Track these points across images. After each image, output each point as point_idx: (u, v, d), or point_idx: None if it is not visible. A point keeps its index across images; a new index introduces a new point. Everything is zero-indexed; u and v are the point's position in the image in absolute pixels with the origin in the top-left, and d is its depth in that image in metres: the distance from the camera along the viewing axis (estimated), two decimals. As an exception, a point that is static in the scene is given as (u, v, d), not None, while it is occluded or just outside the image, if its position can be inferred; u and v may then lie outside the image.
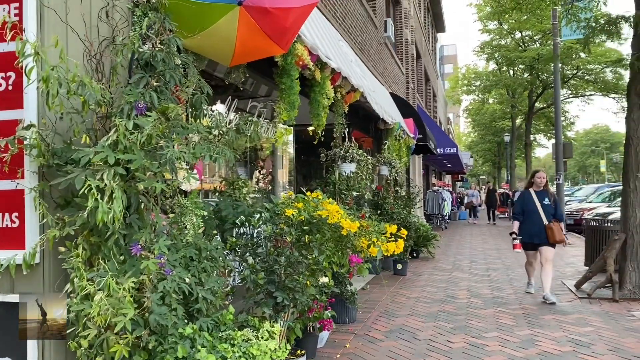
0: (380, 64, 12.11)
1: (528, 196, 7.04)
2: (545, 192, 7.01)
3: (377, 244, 3.48)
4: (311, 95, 4.68)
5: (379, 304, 6.66)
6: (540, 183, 7.01)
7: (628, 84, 7.40)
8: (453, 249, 13.31)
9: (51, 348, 2.48)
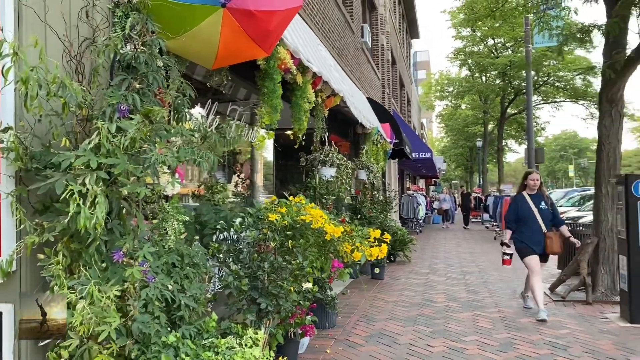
0: (358, 69, 12.16)
1: (522, 201, 6.34)
2: (540, 195, 6.34)
3: (361, 249, 3.46)
4: (292, 99, 4.66)
5: (358, 308, 6.65)
6: (534, 185, 6.34)
7: (600, 91, 7.58)
8: (428, 252, 13.42)
9: (28, 359, 2.38)
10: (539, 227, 6.18)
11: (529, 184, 6.39)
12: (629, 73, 7.09)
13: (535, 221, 6.19)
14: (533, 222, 6.20)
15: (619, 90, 7.26)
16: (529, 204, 6.27)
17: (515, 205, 6.38)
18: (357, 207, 8.78)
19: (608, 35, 6.90)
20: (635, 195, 5.90)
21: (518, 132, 34.53)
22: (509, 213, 6.43)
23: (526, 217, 6.23)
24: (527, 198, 6.32)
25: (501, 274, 9.64)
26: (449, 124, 41.10)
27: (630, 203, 5.91)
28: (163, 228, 3.03)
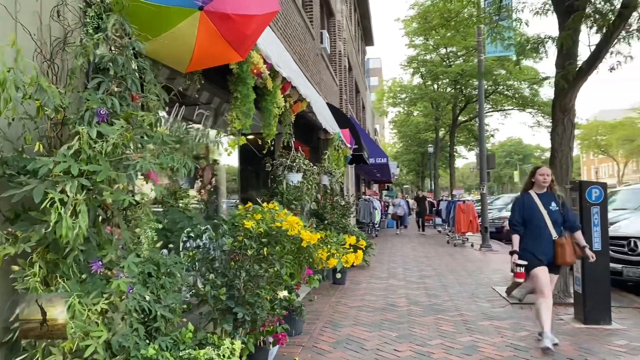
0: (317, 75, 12.20)
1: (529, 201, 5.30)
2: (551, 195, 5.31)
3: (337, 255, 3.45)
4: (262, 104, 4.61)
5: (322, 314, 6.64)
6: (543, 182, 5.29)
7: (553, 100, 7.89)
8: (386, 257, 13.57)
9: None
10: (548, 232, 5.16)
11: (538, 180, 5.34)
12: (581, 83, 7.42)
13: (543, 226, 5.17)
14: (541, 226, 5.18)
15: (571, 99, 7.59)
16: (537, 204, 5.24)
17: (521, 205, 5.33)
18: (319, 212, 8.79)
19: (561, 46, 7.21)
20: (589, 200, 6.17)
21: (468, 139, 35.54)
22: (513, 215, 5.35)
23: (534, 220, 5.22)
24: (534, 198, 5.30)
25: (458, 277, 9.86)
26: (402, 130, 41.82)
27: (584, 208, 6.18)
28: (137, 236, 2.93)
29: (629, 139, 50.67)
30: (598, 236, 6.12)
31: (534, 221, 5.22)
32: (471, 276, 10.02)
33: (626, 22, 6.81)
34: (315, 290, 8.35)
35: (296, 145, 10.92)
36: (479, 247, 15.53)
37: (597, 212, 6.14)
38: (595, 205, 6.16)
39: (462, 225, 16.62)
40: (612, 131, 53.31)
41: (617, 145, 54.12)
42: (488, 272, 10.67)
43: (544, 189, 5.34)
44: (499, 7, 11.36)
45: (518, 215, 5.31)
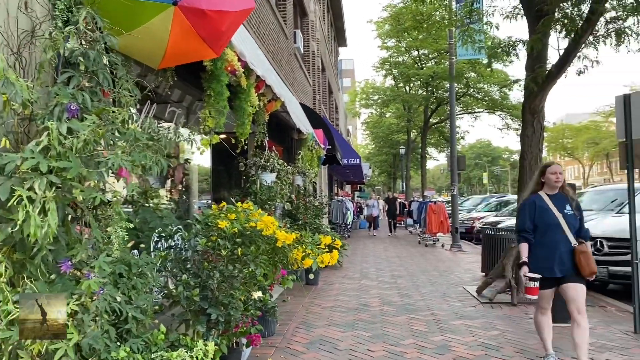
0: (291, 75, 12.16)
1: (541, 204, 4.50)
2: (564, 197, 4.53)
3: (312, 256, 3.42)
4: (236, 102, 4.56)
5: (295, 315, 6.61)
6: (556, 182, 4.50)
7: (523, 102, 8.04)
8: (358, 257, 13.62)
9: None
10: (565, 239, 4.38)
11: (549, 179, 4.54)
12: (550, 86, 7.58)
13: (559, 232, 4.39)
14: (557, 233, 4.39)
15: (540, 102, 7.74)
16: (550, 208, 4.45)
17: (531, 209, 4.52)
18: (292, 212, 8.75)
19: (532, 50, 7.35)
20: (557, 201, 6.29)
21: (438, 141, 35.99)
22: (523, 220, 4.56)
23: (547, 226, 4.43)
24: (546, 200, 4.51)
25: (430, 277, 9.95)
26: (374, 131, 42.09)
27: (552, 209, 6.30)
28: (107, 236, 2.86)
29: (594, 142, 52.09)
30: (566, 236, 6.24)
31: (548, 227, 4.41)
32: (442, 276, 10.13)
33: (594, 27, 6.98)
34: (289, 291, 8.32)
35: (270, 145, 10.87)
36: (449, 248, 15.73)
37: (565, 213, 6.27)
38: (563, 206, 6.28)
39: (433, 225, 16.81)
40: (577, 134, 54.71)
41: (582, 148, 55.57)
42: (459, 271, 10.81)
43: (556, 189, 4.56)
44: (470, 11, 11.51)
45: (529, 221, 4.50)
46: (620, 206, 10.82)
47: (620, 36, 7.14)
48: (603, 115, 48.72)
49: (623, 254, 7.93)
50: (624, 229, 8.29)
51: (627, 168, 5.88)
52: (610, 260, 8.07)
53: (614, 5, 7.30)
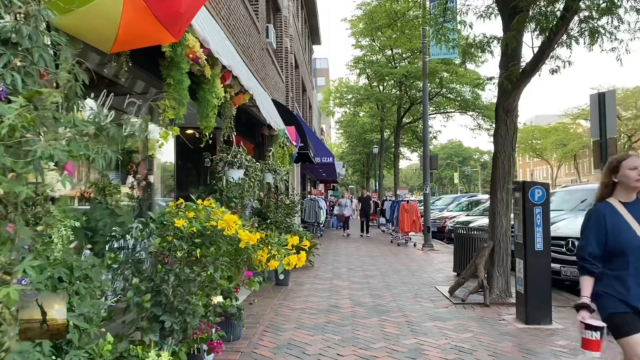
0: (263, 70, 11.87)
1: (612, 216, 3.10)
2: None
3: (278, 257, 3.17)
4: (199, 93, 4.28)
5: (263, 317, 6.35)
6: (636, 183, 3.08)
7: (497, 101, 7.94)
8: (330, 256, 13.42)
9: None
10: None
11: (627, 178, 3.12)
12: (524, 85, 7.49)
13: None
14: (637, 258, 3.01)
15: (514, 101, 7.65)
16: (627, 221, 3.07)
17: (599, 225, 3.11)
18: (262, 211, 8.49)
19: (506, 47, 7.24)
20: (532, 201, 6.19)
21: (411, 140, 36.09)
22: (587, 242, 3.13)
23: (623, 250, 3.03)
24: (620, 211, 3.11)
25: (402, 277, 9.81)
26: (348, 130, 42.01)
27: (527, 208, 6.20)
28: (48, 235, 2.56)
29: (562, 143, 53.09)
30: (540, 236, 6.15)
31: (625, 250, 3.02)
32: (414, 276, 10.00)
33: (568, 25, 6.90)
34: (257, 292, 8.05)
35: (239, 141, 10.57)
36: (421, 247, 15.67)
37: (539, 212, 6.18)
38: (537, 206, 6.19)
39: (405, 225, 16.73)
40: (546, 135, 55.70)
41: (551, 149, 56.61)
42: (430, 271, 10.70)
43: (634, 194, 3.15)
44: (444, 9, 11.42)
45: (594, 243, 3.10)
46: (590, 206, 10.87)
47: (594, 35, 7.08)
48: (571, 117, 49.68)
49: (594, 254, 7.90)
50: (595, 229, 8.29)
51: (602, 166, 5.80)
52: (581, 260, 8.03)
53: (587, 5, 7.25)
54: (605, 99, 5.74)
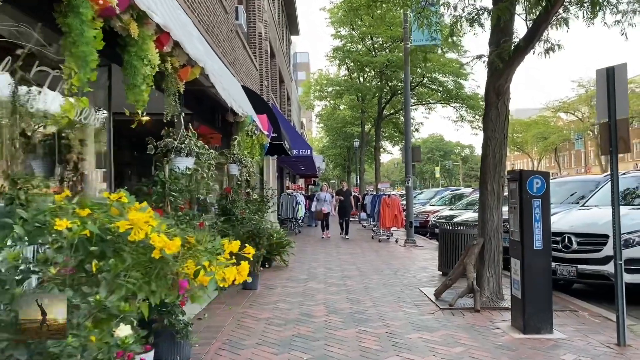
0: (231, 53, 10.93)
1: None
2: None
3: (210, 270, 2.32)
4: (125, 58, 3.38)
5: (222, 331, 5.46)
6: None
7: (487, 82, 7.15)
8: (308, 255, 12.57)
9: None
10: None
11: None
12: (517, 63, 6.71)
13: None
14: None
15: (506, 81, 6.87)
16: None
17: None
18: (227, 207, 7.58)
19: (498, 20, 6.44)
20: (530, 192, 5.40)
21: (392, 133, 35.38)
22: None
23: None
24: None
25: (383, 277, 9.00)
26: (328, 123, 41.16)
27: (524, 201, 5.41)
28: None
29: (542, 137, 52.92)
30: (539, 233, 5.37)
31: None
32: (397, 276, 9.21)
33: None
34: (219, 299, 7.16)
35: (204, 131, 9.62)
36: (403, 243, 14.91)
37: (538, 206, 5.39)
38: (536, 198, 5.40)
39: (387, 220, 15.94)
40: (527, 129, 55.48)
41: (532, 143, 56.44)
42: (414, 270, 9.92)
43: None
44: (426, -12, 10.61)
45: None
46: (581, 199, 10.20)
47: (595, 6, 6.33)
48: (552, 110, 49.50)
49: (593, 251, 7.18)
50: (594, 224, 7.56)
51: (610, 153, 5.03)
52: (579, 258, 7.30)
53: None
54: (615, 74, 4.96)
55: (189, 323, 4.36)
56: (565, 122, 55.62)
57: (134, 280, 2.19)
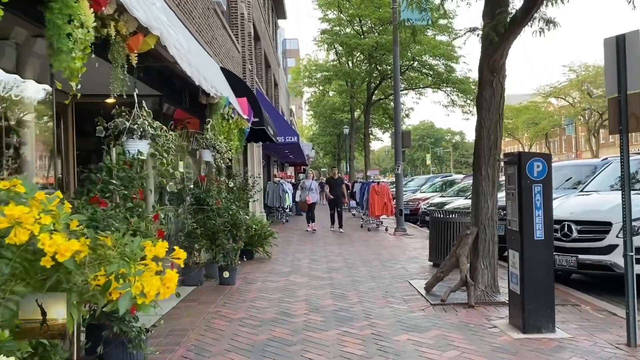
0: (208, 32, 10.26)
1: None
2: None
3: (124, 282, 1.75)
4: (46, 15, 2.78)
5: (188, 335, 4.90)
6: None
7: (480, 58, 6.58)
8: (293, 245, 12.02)
9: None
10: None
11: None
12: (513, 36, 6.15)
13: None
14: None
15: (502, 56, 6.30)
16: None
17: None
18: (200, 196, 6.99)
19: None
20: (530, 177, 4.85)
21: (383, 120, 34.79)
22: None
23: None
24: None
25: (371, 269, 8.47)
26: (317, 110, 40.46)
27: (524, 187, 4.86)
28: None
29: (533, 122, 52.54)
30: (540, 222, 4.84)
31: None
32: (385, 267, 8.69)
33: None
34: (193, 295, 6.60)
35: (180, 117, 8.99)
36: (393, 232, 14.39)
37: (539, 192, 4.85)
38: (537, 183, 4.86)
39: (376, 208, 15.39)
40: (517, 115, 55.06)
41: (522, 129, 56.08)
42: (404, 260, 9.41)
43: None
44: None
45: None
46: (577, 184, 9.71)
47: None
48: (543, 95, 49.07)
49: (595, 240, 6.67)
50: (596, 210, 7.05)
51: (620, 131, 4.49)
52: (580, 247, 6.80)
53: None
54: (626, 43, 4.41)
55: (142, 330, 3.80)
56: (556, 107, 55.24)
57: (20, 291, 1.62)
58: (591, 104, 42.65)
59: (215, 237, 7.04)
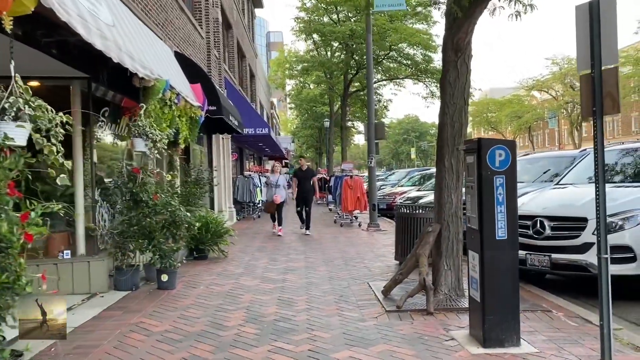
0: (161, 13, 9.48)
1: None
2: None
3: None
4: None
5: (95, 351, 4.18)
6: None
7: (444, 36, 5.91)
8: (257, 242, 11.31)
9: None
10: None
11: None
12: (479, 12, 5.48)
13: None
14: None
15: (466, 34, 5.63)
16: None
17: None
18: (133, 190, 6.24)
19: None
20: (491, 167, 4.19)
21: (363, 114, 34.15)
22: None
23: None
24: None
25: (331, 269, 7.81)
26: (297, 102, 39.71)
27: (484, 179, 4.20)
28: None
29: (516, 115, 52.30)
30: (503, 219, 4.18)
31: None
32: (348, 266, 8.02)
33: None
34: (126, 300, 5.87)
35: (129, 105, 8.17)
36: (366, 227, 13.75)
37: (501, 184, 4.19)
38: (499, 174, 4.20)
39: (349, 202, 14.71)
40: (501, 108, 54.81)
41: (506, 122, 55.86)
42: (370, 259, 8.76)
43: None
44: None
45: None
46: (555, 177, 9.12)
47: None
48: (526, 89, 48.78)
49: (570, 238, 6.05)
50: (570, 205, 6.42)
51: (594, 113, 3.84)
52: (553, 245, 6.18)
53: None
54: (601, 9, 3.75)
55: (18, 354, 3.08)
56: (539, 100, 55.05)
57: None
58: (574, 97, 42.32)
59: (152, 236, 6.31)
